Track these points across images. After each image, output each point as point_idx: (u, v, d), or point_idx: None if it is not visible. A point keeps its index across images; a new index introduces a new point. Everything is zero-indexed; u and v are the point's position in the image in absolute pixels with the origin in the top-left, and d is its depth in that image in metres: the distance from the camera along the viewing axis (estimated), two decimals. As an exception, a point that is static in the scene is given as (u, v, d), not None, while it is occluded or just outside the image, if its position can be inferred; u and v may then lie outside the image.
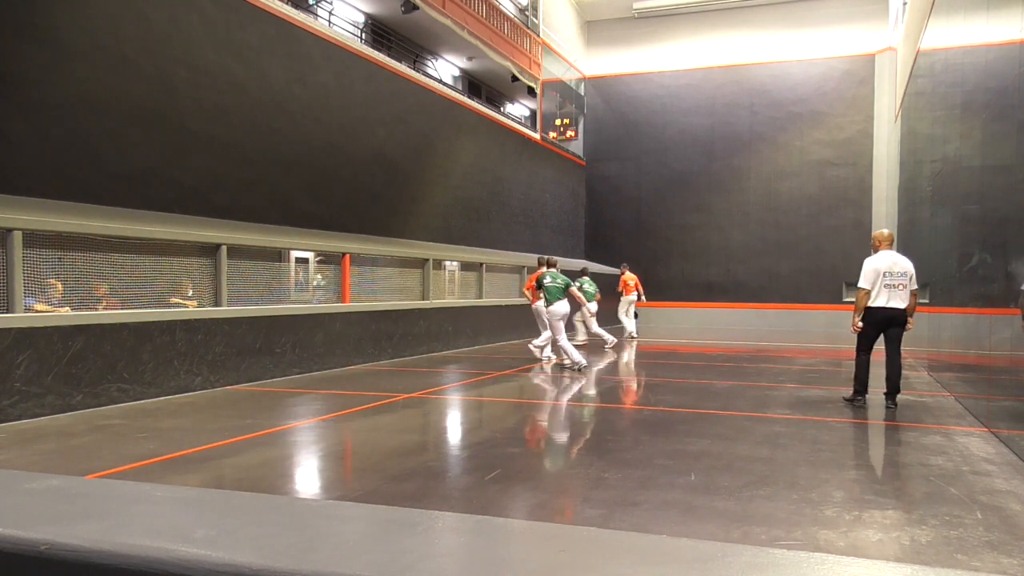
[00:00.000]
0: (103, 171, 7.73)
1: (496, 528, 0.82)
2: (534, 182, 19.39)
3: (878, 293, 6.76)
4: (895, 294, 6.72)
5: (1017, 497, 4.04)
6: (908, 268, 6.76)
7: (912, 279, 6.75)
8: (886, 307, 6.74)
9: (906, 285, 6.72)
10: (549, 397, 8.30)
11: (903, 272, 6.73)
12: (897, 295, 6.72)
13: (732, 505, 3.86)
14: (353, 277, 10.42)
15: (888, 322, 6.78)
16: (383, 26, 16.03)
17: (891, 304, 6.72)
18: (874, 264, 6.81)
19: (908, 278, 6.72)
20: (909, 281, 6.73)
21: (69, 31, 7.41)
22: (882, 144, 20.15)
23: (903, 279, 6.71)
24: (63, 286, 6.53)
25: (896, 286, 6.71)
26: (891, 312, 6.73)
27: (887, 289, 6.73)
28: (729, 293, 21.78)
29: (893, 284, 6.72)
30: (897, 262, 6.78)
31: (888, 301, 6.73)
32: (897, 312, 6.73)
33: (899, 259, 6.83)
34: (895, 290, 6.72)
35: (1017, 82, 5.42)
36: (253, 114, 9.75)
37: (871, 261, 6.87)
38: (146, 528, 0.75)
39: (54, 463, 4.76)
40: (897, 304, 6.72)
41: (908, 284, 6.72)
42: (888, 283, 6.72)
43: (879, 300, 6.76)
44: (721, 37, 22.06)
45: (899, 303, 6.72)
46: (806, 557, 0.67)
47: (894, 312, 6.72)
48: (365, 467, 4.83)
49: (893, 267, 6.74)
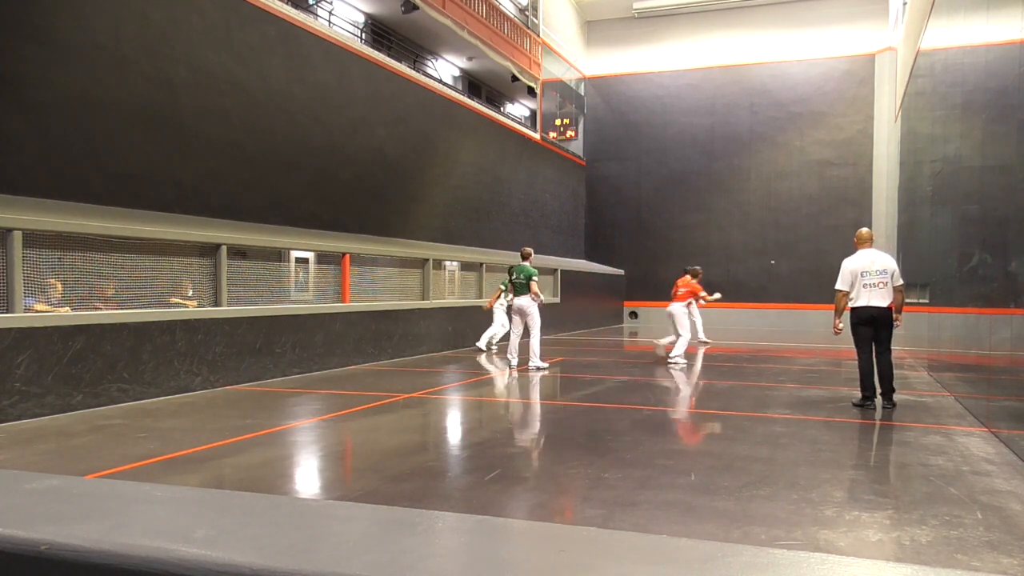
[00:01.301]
0: (103, 171, 7.73)
1: (496, 528, 0.82)
2: (534, 182, 19.39)
3: (858, 294, 6.74)
4: (875, 293, 6.68)
5: (1017, 497, 4.04)
6: (888, 265, 6.71)
7: (894, 276, 6.69)
8: (868, 306, 6.70)
9: (887, 283, 6.67)
10: (549, 397, 8.30)
11: (882, 270, 6.68)
12: (877, 294, 6.68)
13: (732, 505, 3.86)
14: (353, 277, 10.42)
15: (872, 321, 6.73)
16: (383, 26, 16.03)
17: (872, 303, 6.68)
18: (850, 265, 6.80)
19: (889, 275, 6.67)
20: (891, 279, 6.67)
21: (69, 31, 7.41)
22: (882, 144, 20.16)
23: (883, 277, 6.67)
24: (63, 286, 6.53)
25: (876, 284, 6.67)
26: (873, 311, 6.69)
27: (866, 289, 6.70)
28: (729, 293, 21.77)
29: (872, 283, 6.68)
30: (876, 260, 6.73)
31: (869, 300, 6.69)
32: (880, 311, 6.68)
33: (878, 257, 6.78)
34: (875, 289, 6.68)
35: (1017, 82, 5.42)
36: (253, 114, 9.75)
37: (847, 262, 6.86)
38: (146, 528, 0.75)
39: (54, 463, 4.76)
40: (878, 303, 6.68)
41: (889, 282, 6.67)
42: (867, 283, 6.69)
43: (860, 300, 6.74)
44: (721, 37, 22.06)
45: (880, 301, 6.68)
46: (806, 557, 0.66)
47: (876, 311, 6.68)
48: (365, 467, 4.83)
49: (871, 266, 6.70)
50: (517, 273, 9.99)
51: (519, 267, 10.01)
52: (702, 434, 5.75)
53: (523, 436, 6.02)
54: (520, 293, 9.97)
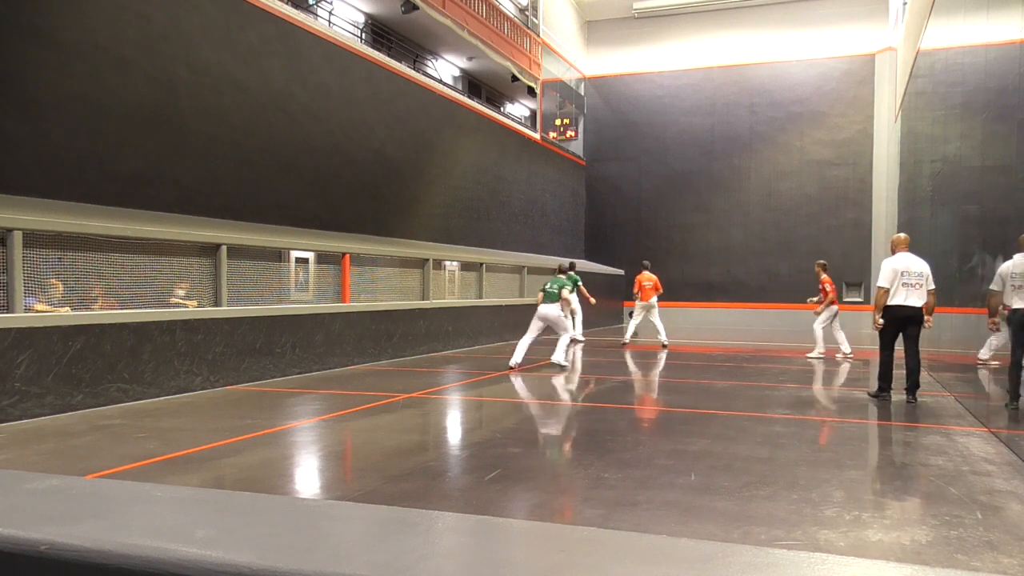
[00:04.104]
0: (103, 171, 7.73)
1: (496, 528, 0.82)
2: (534, 182, 19.38)
3: (896, 292, 7.13)
4: (912, 293, 7.08)
5: (1017, 497, 4.04)
6: (924, 269, 7.15)
7: (929, 279, 7.13)
8: (904, 305, 7.09)
9: (922, 284, 7.09)
10: (549, 397, 8.30)
11: (919, 273, 7.11)
12: (914, 294, 7.08)
13: (732, 505, 3.86)
14: (353, 277, 10.41)
15: (906, 320, 7.12)
16: (383, 26, 16.02)
17: (908, 302, 7.08)
18: (892, 264, 7.21)
19: (924, 278, 7.11)
20: (926, 281, 7.11)
21: (69, 31, 7.41)
22: (882, 144, 20.15)
23: (920, 279, 7.10)
24: (63, 286, 6.53)
25: (913, 285, 7.09)
26: (909, 310, 7.08)
27: (904, 288, 7.10)
28: (729, 293, 21.77)
29: (911, 283, 7.09)
30: (913, 263, 7.16)
31: (906, 299, 7.09)
32: (914, 310, 7.08)
33: (915, 261, 7.19)
34: (912, 289, 7.08)
35: (1017, 82, 5.42)
36: (253, 114, 9.75)
37: (889, 262, 7.26)
38: (146, 528, 0.75)
39: (54, 463, 4.76)
40: (914, 302, 7.08)
41: (925, 284, 7.10)
42: (906, 282, 7.10)
43: (897, 299, 7.12)
44: (721, 37, 22.06)
45: (916, 301, 7.08)
46: (806, 557, 0.66)
47: (911, 311, 7.07)
48: (365, 467, 4.83)
49: (909, 268, 7.12)
50: (552, 283, 10.42)
51: (555, 279, 10.52)
52: (702, 434, 5.75)
53: (523, 436, 6.02)
54: (549, 301, 10.31)
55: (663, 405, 7.25)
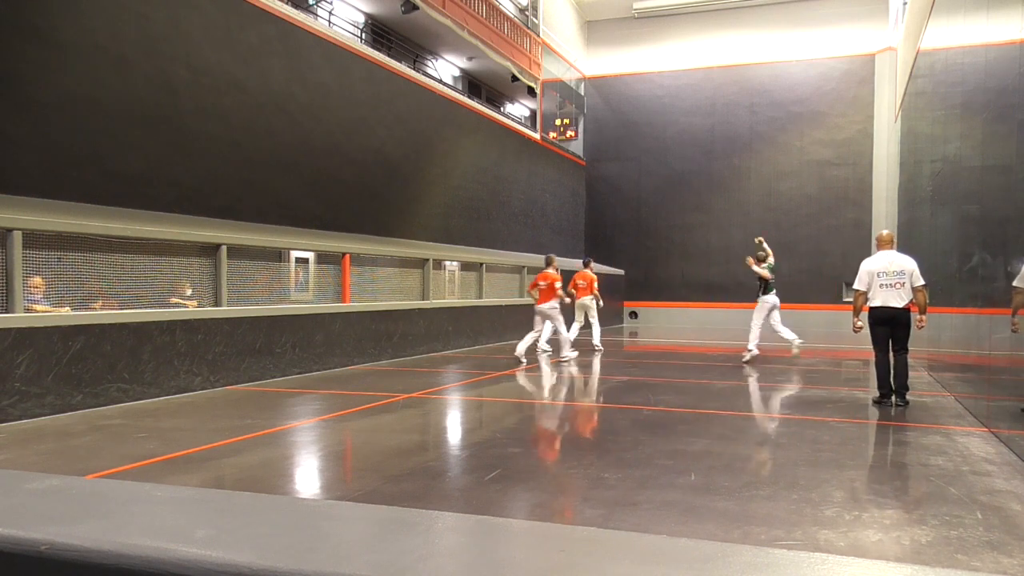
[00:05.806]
0: (103, 171, 7.73)
1: (496, 528, 0.82)
2: (534, 182, 19.38)
3: (875, 294, 6.91)
4: (891, 293, 6.83)
5: (1017, 497, 4.04)
6: (905, 266, 6.86)
7: (913, 276, 6.82)
8: (885, 306, 6.86)
9: (904, 283, 6.81)
10: (549, 397, 8.30)
11: (899, 271, 6.83)
12: (894, 294, 6.82)
13: (732, 505, 3.86)
14: (353, 277, 10.41)
15: (890, 321, 6.88)
16: (383, 26, 16.02)
17: (889, 304, 6.84)
18: (867, 266, 7.00)
19: (907, 276, 6.82)
20: (909, 279, 6.81)
21: (69, 31, 7.41)
22: (882, 144, 20.15)
23: (900, 278, 6.81)
24: (47, 285, 6.51)
25: (892, 285, 6.83)
26: (891, 311, 6.84)
27: (883, 289, 6.87)
28: (729, 293, 21.76)
29: (889, 284, 6.84)
30: (893, 261, 6.89)
31: (885, 301, 6.85)
32: (896, 311, 6.83)
33: (896, 258, 6.93)
34: (892, 289, 6.83)
35: (1017, 82, 5.42)
36: (253, 114, 9.75)
37: (865, 263, 7.06)
38: (146, 528, 0.75)
39: (54, 463, 4.76)
40: (895, 303, 6.82)
41: (907, 282, 6.81)
42: (884, 283, 6.86)
43: (876, 300, 6.91)
44: (721, 37, 22.06)
45: (896, 302, 6.82)
46: (806, 557, 0.66)
47: (894, 311, 6.83)
48: (365, 467, 4.83)
49: (888, 267, 6.87)
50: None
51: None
52: (702, 434, 5.74)
53: (523, 436, 6.02)
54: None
55: (663, 405, 7.24)
